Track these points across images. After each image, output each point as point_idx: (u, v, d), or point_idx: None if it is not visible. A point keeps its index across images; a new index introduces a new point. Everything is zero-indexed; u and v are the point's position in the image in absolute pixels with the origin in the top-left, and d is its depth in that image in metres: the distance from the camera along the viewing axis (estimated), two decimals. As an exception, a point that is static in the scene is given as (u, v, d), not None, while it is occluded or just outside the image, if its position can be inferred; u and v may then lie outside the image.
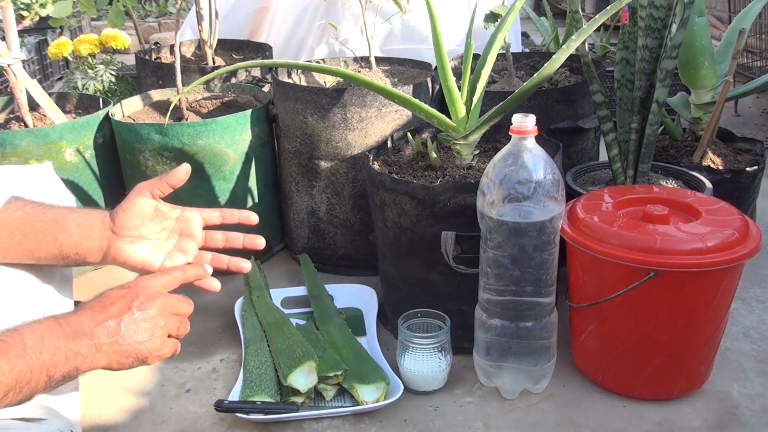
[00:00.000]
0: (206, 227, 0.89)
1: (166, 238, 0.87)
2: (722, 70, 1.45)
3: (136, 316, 0.74)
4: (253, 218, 0.88)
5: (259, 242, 0.89)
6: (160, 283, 0.78)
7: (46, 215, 0.82)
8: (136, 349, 0.74)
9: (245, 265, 0.88)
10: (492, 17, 1.50)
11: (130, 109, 1.53)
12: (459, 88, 1.17)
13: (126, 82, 2.01)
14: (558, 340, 1.05)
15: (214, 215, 0.88)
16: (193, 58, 1.89)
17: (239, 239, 0.89)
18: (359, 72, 1.51)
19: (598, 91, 1.26)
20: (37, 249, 0.83)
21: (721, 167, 1.37)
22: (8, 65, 1.38)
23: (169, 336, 0.78)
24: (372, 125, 1.32)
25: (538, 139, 0.96)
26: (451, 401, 1.06)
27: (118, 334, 0.72)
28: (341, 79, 1.50)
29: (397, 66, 1.59)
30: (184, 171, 0.85)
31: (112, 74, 1.95)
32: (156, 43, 2.01)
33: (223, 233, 0.89)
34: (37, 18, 1.69)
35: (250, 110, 1.41)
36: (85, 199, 1.44)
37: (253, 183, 1.45)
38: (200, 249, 0.89)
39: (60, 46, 2.00)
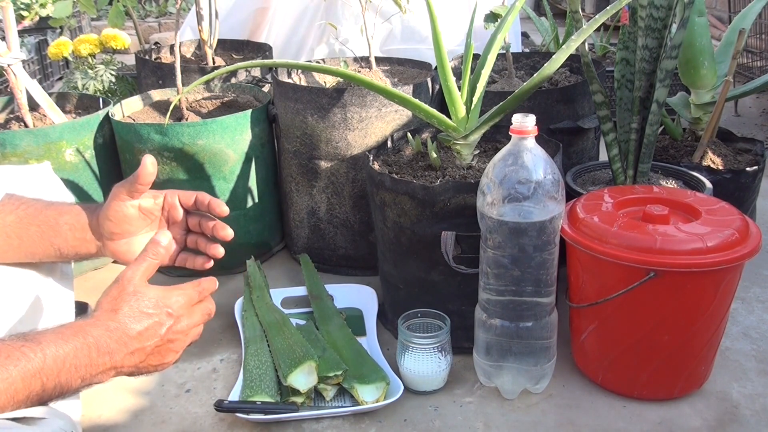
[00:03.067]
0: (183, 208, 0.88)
1: (158, 226, 0.87)
2: (722, 70, 1.45)
3: (163, 347, 0.73)
4: (223, 209, 0.85)
5: (226, 233, 0.85)
6: (186, 302, 0.76)
7: (39, 219, 0.82)
8: (150, 370, 0.74)
9: (216, 251, 0.87)
10: (492, 17, 1.50)
11: (130, 109, 1.53)
12: (459, 88, 1.17)
13: (126, 82, 2.01)
14: (558, 340, 1.05)
15: (191, 199, 0.86)
16: (193, 58, 1.89)
17: (210, 226, 0.87)
18: (359, 72, 1.51)
19: (598, 91, 1.26)
20: (36, 252, 0.83)
21: (721, 167, 1.37)
22: (8, 65, 1.38)
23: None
24: (372, 125, 1.32)
25: (538, 139, 0.96)
26: (451, 401, 1.06)
27: (142, 361, 0.72)
28: (341, 79, 1.50)
29: (397, 66, 1.59)
30: (150, 164, 0.80)
31: (112, 74, 1.95)
32: (156, 43, 2.01)
33: (199, 218, 0.88)
34: (37, 18, 1.69)
35: (250, 110, 1.41)
36: (85, 199, 1.44)
37: (253, 183, 1.45)
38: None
39: (60, 46, 2.00)
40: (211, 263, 0.88)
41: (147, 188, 0.82)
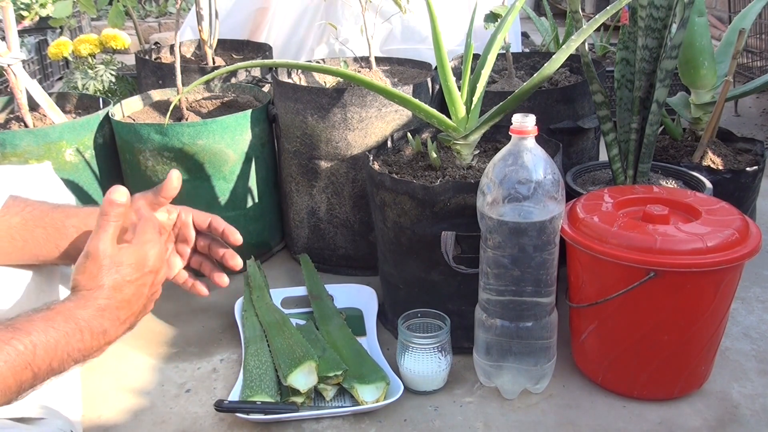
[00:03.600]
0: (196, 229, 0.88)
1: (165, 240, 0.86)
2: (722, 70, 1.45)
3: (148, 302, 0.75)
4: (237, 237, 0.86)
5: (236, 263, 0.87)
6: (161, 252, 0.75)
7: (45, 221, 0.82)
8: (137, 321, 0.75)
9: (222, 280, 0.88)
10: (492, 17, 1.50)
11: (130, 109, 1.53)
12: (459, 88, 1.17)
13: (126, 82, 2.01)
14: (558, 340, 1.05)
15: (206, 222, 0.87)
16: (193, 58, 1.89)
17: (219, 253, 0.88)
18: (359, 72, 1.51)
19: (598, 91, 1.26)
20: (41, 254, 0.83)
21: (721, 167, 1.37)
22: (8, 65, 1.38)
23: None
24: (372, 125, 1.32)
25: (538, 139, 0.96)
26: (451, 401, 1.06)
27: (131, 323, 0.73)
28: (341, 79, 1.50)
29: (397, 66, 1.59)
30: (175, 178, 0.80)
31: (112, 74, 1.95)
32: (156, 43, 2.01)
33: (210, 241, 0.89)
34: (37, 18, 1.69)
35: (250, 110, 1.41)
36: (85, 199, 1.44)
37: (253, 183, 1.45)
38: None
39: (60, 46, 2.00)
40: (207, 292, 0.88)
41: (169, 201, 0.82)
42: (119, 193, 0.71)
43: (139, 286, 0.72)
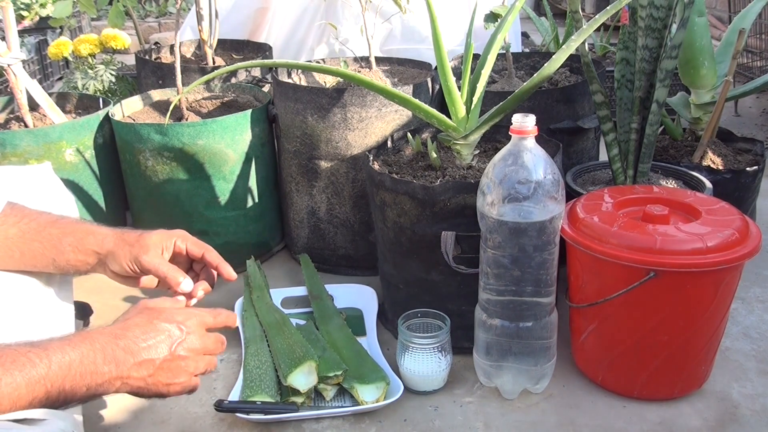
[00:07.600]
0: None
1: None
2: (722, 70, 1.45)
3: (173, 363, 0.73)
4: (231, 274, 0.91)
5: (230, 274, 0.92)
6: (199, 322, 0.76)
7: (42, 235, 0.83)
8: (159, 389, 0.73)
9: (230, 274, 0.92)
10: (492, 17, 1.50)
11: (130, 109, 1.53)
12: (459, 88, 1.17)
13: (126, 82, 2.01)
14: (558, 340, 1.05)
15: (199, 253, 0.90)
16: (193, 58, 1.89)
17: (214, 275, 0.93)
18: (359, 72, 1.51)
19: (598, 91, 1.26)
20: (36, 265, 0.84)
21: (721, 167, 1.37)
22: (8, 65, 1.38)
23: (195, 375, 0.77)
24: (372, 125, 1.32)
25: (538, 139, 0.96)
26: (451, 401, 1.06)
27: (150, 375, 0.71)
28: (341, 79, 1.50)
29: (397, 66, 1.59)
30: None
31: (112, 74, 1.95)
32: (156, 43, 2.01)
33: (203, 266, 0.93)
34: (37, 18, 1.70)
35: (250, 110, 1.41)
36: (85, 199, 1.44)
37: (253, 183, 1.45)
38: None
39: (60, 46, 2.00)
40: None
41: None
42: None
43: (166, 337, 0.72)
